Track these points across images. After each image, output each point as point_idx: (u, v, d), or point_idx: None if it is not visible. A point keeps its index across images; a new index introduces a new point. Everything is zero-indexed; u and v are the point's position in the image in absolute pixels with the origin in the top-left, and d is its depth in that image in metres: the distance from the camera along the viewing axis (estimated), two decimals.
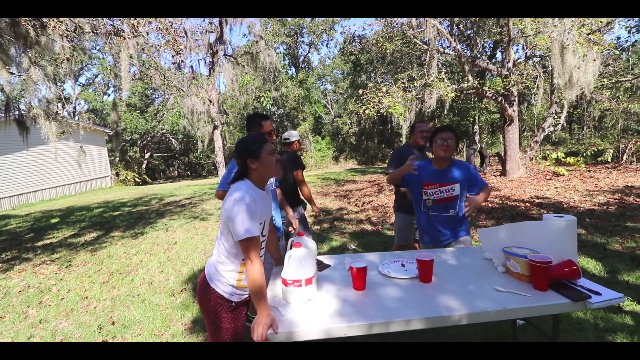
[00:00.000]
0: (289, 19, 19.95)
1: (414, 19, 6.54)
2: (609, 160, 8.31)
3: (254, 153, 1.44)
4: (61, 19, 5.20)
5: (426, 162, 2.33)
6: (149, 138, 20.44)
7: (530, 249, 1.63)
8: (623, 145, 8.29)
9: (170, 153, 23.05)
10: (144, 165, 20.42)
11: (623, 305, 2.43)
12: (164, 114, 17.81)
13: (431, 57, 7.16)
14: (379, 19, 8.29)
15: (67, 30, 5.71)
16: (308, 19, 20.33)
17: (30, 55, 5.59)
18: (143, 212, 7.83)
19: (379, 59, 13.32)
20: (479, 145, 9.99)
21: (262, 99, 17.52)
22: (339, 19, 20.21)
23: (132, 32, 5.50)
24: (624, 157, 8.15)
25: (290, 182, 2.91)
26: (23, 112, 6.23)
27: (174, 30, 6.35)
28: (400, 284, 1.63)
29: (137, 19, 5.23)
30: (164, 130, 19.86)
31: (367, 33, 11.09)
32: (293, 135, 3.08)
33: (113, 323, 2.79)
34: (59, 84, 20.13)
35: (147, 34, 6.08)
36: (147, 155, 21.08)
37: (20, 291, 3.57)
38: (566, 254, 1.60)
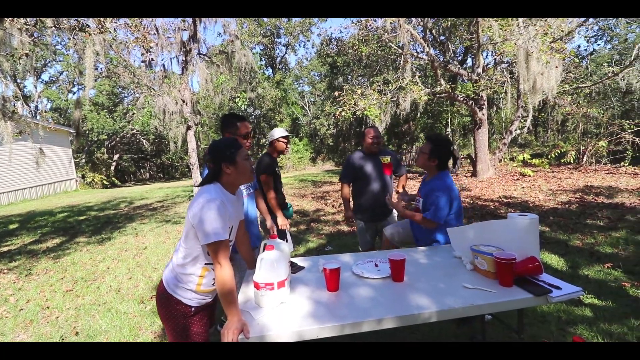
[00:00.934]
0: (265, 19, 19.80)
1: (388, 23, 6.67)
2: (571, 161, 8.85)
3: (229, 158, 1.41)
4: None
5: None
6: (117, 139, 19.55)
7: (496, 247, 1.70)
8: (583, 148, 8.87)
9: (141, 154, 22.16)
10: (112, 167, 19.51)
11: (583, 298, 2.58)
12: (133, 113, 17.10)
13: (405, 61, 7.34)
14: (354, 22, 8.40)
15: (27, 24, 5.36)
16: (285, 20, 20.27)
17: None
18: (111, 216, 7.47)
19: (356, 62, 13.49)
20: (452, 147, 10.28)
21: (237, 100, 17.19)
22: (315, 20, 20.30)
23: (99, 28, 5.23)
24: (584, 159, 8.71)
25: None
26: None
27: (144, 27, 6.10)
28: (373, 284, 1.64)
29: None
30: (134, 131, 19.06)
31: (344, 36, 11.22)
32: (272, 135, 2.80)
33: (77, 334, 2.63)
34: (18, 80, 18.84)
35: (115, 30, 5.81)
36: (116, 157, 20.15)
37: None
38: (529, 250, 1.67)
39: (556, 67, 5.33)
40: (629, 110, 9.96)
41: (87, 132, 17.59)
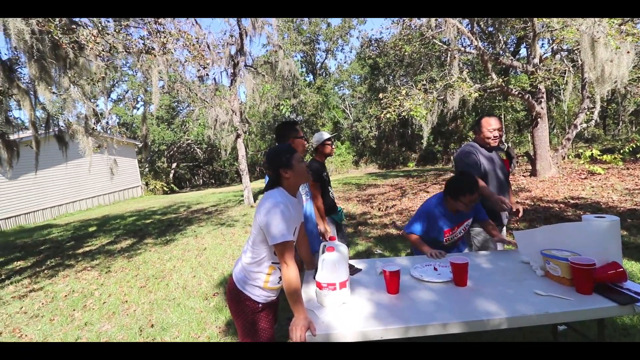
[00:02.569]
0: (305, 27, 20.26)
1: (432, 20, 6.47)
2: None
3: (285, 163, 1.51)
4: (97, 40, 5.55)
5: (440, 208, 2.14)
6: (175, 148, 21.26)
7: (570, 252, 1.58)
8: None
9: (195, 162, 23.83)
10: (171, 175, 21.22)
11: None
12: (189, 125, 18.50)
13: (452, 57, 7.05)
14: (395, 21, 8.28)
15: (103, 51, 6.09)
16: (324, 26, 20.56)
17: (69, 75, 6.00)
18: (172, 219, 8.13)
19: (397, 62, 13.24)
20: (506, 145, 9.62)
21: (281, 107, 17.83)
22: (355, 23, 20.30)
23: (162, 49, 5.79)
24: None
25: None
26: (62, 128, 6.67)
27: (199, 46, 6.62)
28: (434, 288, 1.62)
29: (166, 36, 5.50)
30: (189, 141, 20.59)
31: (385, 36, 11.08)
32: (315, 139, 2.82)
33: (152, 325, 2.92)
34: (93, 100, 21.42)
35: (175, 50, 6.37)
36: (174, 165, 21.90)
37: (65, 295, 3.81)
38: (610, 255, 1.54)
39: (628, 52, 4.75)
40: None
41: (149, 143, 19.40)
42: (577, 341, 2.08)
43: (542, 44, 9.69)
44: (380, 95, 7.19)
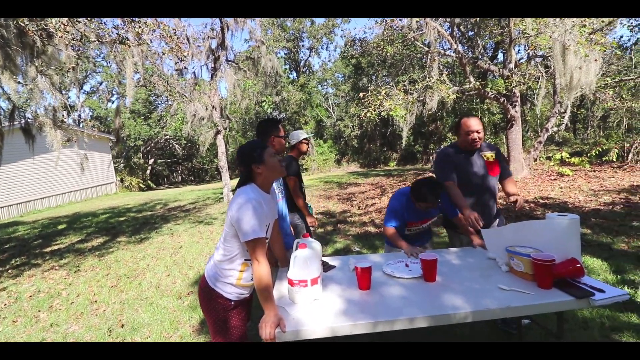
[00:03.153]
0: (289, 24, 20.13)
1: (414, 22, 6.58)
2: (614, 159, 8.27)
3: (257, 158, 1.49)
4: (67, 29, 5.30)
5: (407, 203, 2.17)
6: (152, 144, 20.62)
7: (533, 248, 1.65)
8: (628, 145, 8.25)
9: (173, 159, 23.21)
10: (148, 171, 20.58)
11: (629, 302, 2.43)
12: (167, 120, 17.98)
13: (432, 59, 7.20)
14: (378, 22, 8.36)
15: (73, 40, 5.81)
16: (308, 23, 20.50)
17: (36, 64, 5.69)
18: (148, 217, 7.90)
19: (380, 62, 13.37)
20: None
21: (263, 104, 17.65)
22: (338, 22, 20.35)
23: (137, 40, 5.59)
24: (630, 157, 8.11)
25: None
26: (29, 120, 6.33)
27: (177, 38, 6.44)
28: (405, 284, 1.65)
29: (141, 27, 5.30)
30: (167, 136, 20.02)
31: (368, 36, 11.17)
32: (292, 137, 2.89)
33: (122, 326, 2.82)
34: (64, 92, 20.40)
35: (151, 41, 6.17)
36: (151, 161, 21.25)
37: (30, 296, 3.62)
38: (569, 252, 1.62)
39: (595, 60, 5.01)
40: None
41: (125, 138, 18.70)
42: (541, 336, 2.18)
43: (518, 49, 10.04)
44: (361, 95, 7.24)
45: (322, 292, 1.56)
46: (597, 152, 8.77)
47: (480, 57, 9.37)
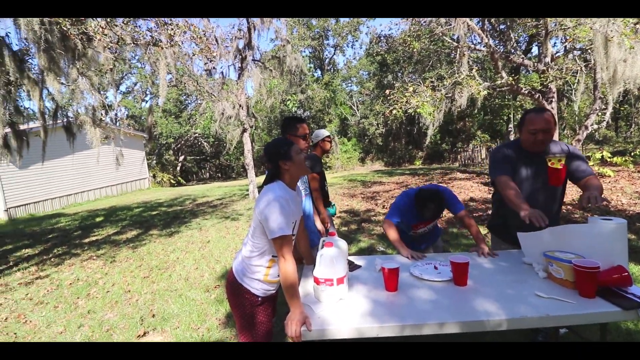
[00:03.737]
0: (314, 22, 20.14)
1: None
2: None
3: (284, 155, 1.50)
4: (105, 32, 5.59)
5: (410, 205, 2.11)
6: (182, 142, 21.42)
7: (575, 254, 1.55)
8: None
9: (202, 156, 23.99)
10: (178, 168, 21.41)
11: None
12: (196, 118, 18.60)
13: (461, 55, 6.94)
14: (404, 18, 8.17)
15: (111, 42, 6.12)
16: (333, 21, 20.41)
17: (77, 66, 6.05)
18: (178, 212, 8.21)
19: (406, 59, 13.09)
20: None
21: (288, 102, 17.82)
22: (364, 19, 20.11)
23: (169, 42, 5.81)
24: None
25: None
26: (70, 119, 6.74)
27: (207, 39, 6.63)
28: (433, 287, 1.60)
29: (173, 29, 5.50)
30: (197, 134, 20.72)
31: (394, 32, 10.94)
32: (317, 135, 2.88)
33: (153, 315, 2.95)
34: (102, 92, 21.64)
35: (182, 43, 6.38)
36: (181, 158, 22.09)
37: (70, 283, 3.87)
38: (615, 259, 1.50)
39: None
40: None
41: (157, 136, 19.55)
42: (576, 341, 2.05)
43: (555, 42, 9.48)
44: (387, 92, 7.11)
45: (347, 291, 1.54)
46: None
47: (512, 51, 8.93)
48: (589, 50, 6.88)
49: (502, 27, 9.84)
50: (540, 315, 1.30)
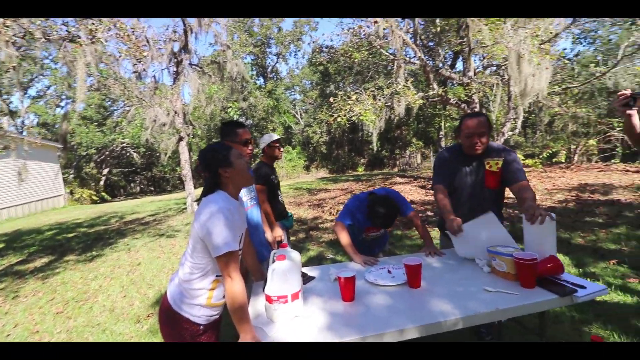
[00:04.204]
0: (256, 29, 19.92)
1: (381, 29, 6.72)
2: (563, 160, 8.97)
3: (223, 161, 1.34)
4: (7, 23, 4.74)
5: (363, 209, 2.08)
6: (107, 153, 19.20)
7: (515, 247, 1.64)
8: (574, 147, 9.00)
9: (131, 168, 21.78)
10: (101, 182, 19.11)
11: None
12: (123, 126, 16.87)
13: (398, 66, 7.40)
14: (345, 29, 8.47)
15: (15, 36, 5.23)
16: (275, 30, 20.42)
17: None
18: (102, 232, 7.24)
19: (347, 69, 13.59)
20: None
21: (229, 110, 17.18)
22: (306, 29, 20.50)
23: (90, 39, 5.12)
24: (575, 158, 8.83)
25: None
26: None
27: (135, 38, 6.02)
28: (389, 292, 1.56)
29: (95, 24, 4.86)
30: (124, 144, 18.76)
31: (335, 44, 11.27)
32: (263, 141, 2.66)
33: None
34: (4, 96, 18.45)
35: (106, 40, 5.71)
36: (105, 171, 19.76)
37: None
38: (547, 249, 1.62)
39: (546, 68, 5.41)
40: (614, 109, 10.24)
41: (75, 146, 17.24)
42: (519, 332, 2.19)
43: (475, 59, 10.64)
44: (331, 99, 7.24)
45: (303, 307, 1.42)
46: (548, 154, 9.48)
47: (441, 65, 9.80)
48: (502, 67, 7.84)
49: (431, 44, 10.77)
50: (491, 309, 1.33)
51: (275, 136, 2.66)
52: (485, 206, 1.89)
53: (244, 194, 2.01)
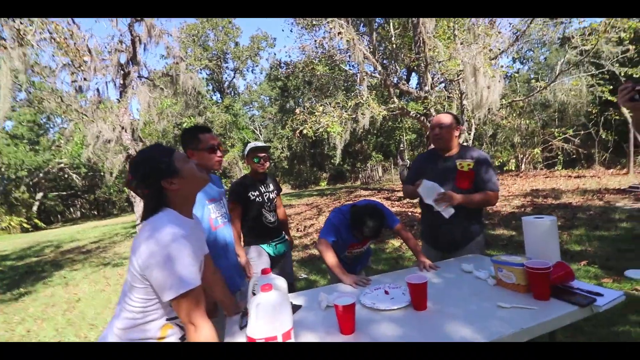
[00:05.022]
0: (211, 44, 19.44)
1: (344, 41, 6.78)
2: (513, 168, 9.63)
3: (167, 169, 1.02)
4: None
5: (346, 222, 1.93)
6: (41, 175, 17.10)
7: (521, 256, 1.51)
8: (521, 156, 9.73)
9: (70, 191, 19.61)
10: (34, 208, 16.90)
11: None
12: (61, 144, 15.17)
13: (362, 78, 7.50)
14: (303, 44, 8.48)
15: None
16: (232, 44, 20.11)
17: None
18: (33, 264, 6.20)
19: (306, 84, 13.65)
20: (408, 162, 10.73)
21: (184, 125, 16.30)
22: (264, 45, 20.45)
23: (18, 40, 4.43)
24: (523, 166, 9.53)
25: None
26: None
27: (74, 44, 5.37)
28: (393, 317, 1.33)
29: (23, 22, 4.22)
30: (62, 165, 16.85)
31: (293, 59, 11.28)
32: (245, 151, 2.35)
33: None
34: None
35: (39, 45, 5.01)
36: (39, 196, 17.54)
37: None
38: (552, 256, 1.52)
39: (499, 81, 5.77)
40: (551, 120, 11.43)
41: (1, 168, 15.13)
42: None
43: (430, 74, 11.26)
44: (297, 111, 7.10)
45: None
46: (499, 163, 10.14)
47: (397, 80, 10.18)
48: (452, 81, 8.29)
49: (384, 61, 11.20)
50: (515, 330, 1.15)
51: (254, 144, 2.29)
52: (458, 206, 1.89)
53: (212, 210, 1.68)
